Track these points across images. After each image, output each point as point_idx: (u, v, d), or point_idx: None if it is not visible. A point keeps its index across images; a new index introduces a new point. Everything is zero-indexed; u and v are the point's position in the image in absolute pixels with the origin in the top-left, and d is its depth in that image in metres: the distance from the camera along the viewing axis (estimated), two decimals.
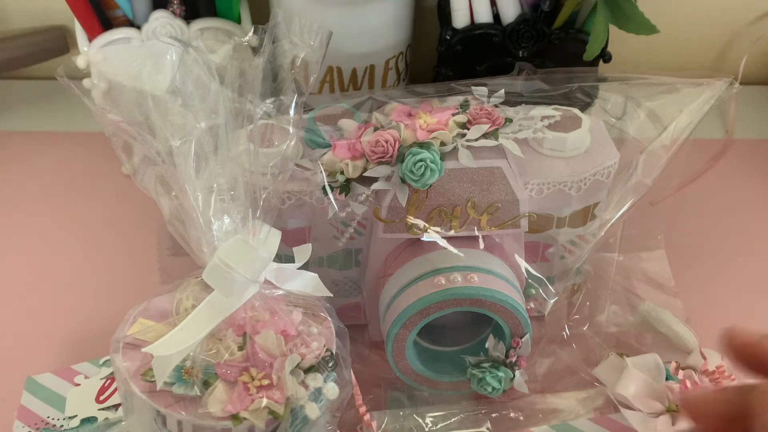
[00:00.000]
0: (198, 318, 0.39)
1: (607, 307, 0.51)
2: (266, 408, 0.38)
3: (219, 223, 0.40)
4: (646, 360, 0.47)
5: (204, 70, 0.41)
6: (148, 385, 0.38)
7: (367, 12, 0.57)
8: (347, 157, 0.45)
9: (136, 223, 0.59)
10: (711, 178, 0.64)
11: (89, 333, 0.52)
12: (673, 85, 0.50)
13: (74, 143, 0.66)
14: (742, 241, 0.61)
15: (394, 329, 0.45)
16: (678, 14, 0.71)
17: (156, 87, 0.40)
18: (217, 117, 0.41)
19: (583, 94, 0.50)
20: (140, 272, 0.56)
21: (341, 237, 0.48)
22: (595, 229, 0.50)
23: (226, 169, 0.40)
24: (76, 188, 0.63)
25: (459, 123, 0.46)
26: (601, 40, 0.55)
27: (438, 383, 0.48)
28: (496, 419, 0.47)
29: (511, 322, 0.45)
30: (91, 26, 0.58)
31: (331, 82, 0.59)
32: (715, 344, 0.49)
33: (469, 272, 0.44)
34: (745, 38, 0.73)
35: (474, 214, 0.46)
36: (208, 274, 0.39)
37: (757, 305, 0.56)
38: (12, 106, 0.70)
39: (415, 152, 0.44)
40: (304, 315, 0.41)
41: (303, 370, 0.39)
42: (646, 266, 0.55)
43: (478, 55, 0.59)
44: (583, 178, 0.47)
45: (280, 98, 0.43)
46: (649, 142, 0.50)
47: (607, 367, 0.48)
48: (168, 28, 0.57)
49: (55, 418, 0.47)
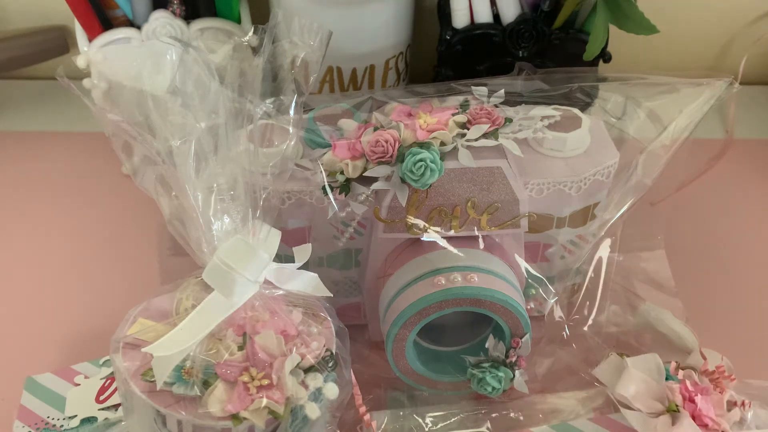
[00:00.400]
0: (198, 318, 0.39)
1: (607, 307, 0.51)
2: (266, 408, 0.38)
3: (219, 223, 0.40)
4: (647, 360, 0.47)
5: (204, 70, 0.41)
6: (148, 385, 0.38)
7: (367, 12, 0.57)
8: (347, 157, 0.45)
9: (136, 223, 0.59)
10: (711, 178, 0.63)
11: (89, 333, 0.52)
12: (673, 85, 0.50)
13: (74, 143, 0.66)
14: (742, 240, 0.61)
15: (394, 329, 0.45)
16: (678, 14, 0.71)
17: (156, 87, 0.40)
18: (217, 117, 0.40)
19: (583, 94, 0.50)
20: (140, 272, 0.56)
21: (341, 237, 0.48)
22: (595, 229, 0.50)
23: (226, 169, 0.40)
24: (76, 188, 0.63)
25: (459, 123, 0.46)
26: (601, 40, 0.55)
27: (438, 383, 0.48)
28: (496, 419, 0.47)
29: (511, 322, 0.45)
30: (91, 26, 0.58)
31: (331, 82, 0.59)
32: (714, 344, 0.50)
33: (469, 272, 0.44)
34: (745, 38, 0.73)
35: (474, 214, 0.46)
36: (208, 274, 0.39)
37: (757, 305, 0.56)
38: (12, 106, 0.70)
39: (415, 152, 0.44)
40: (304, 315, 0.41)
41: (303, 370, 0.39)
42: (646, 266, 0.55)
43: (478, 55, 0.59)
44: (583, 178, 0.47)
45: (280, 98, 0.43)
46: (649, 142, 0.50)
47: (607, 367, 0.48)
48: (168, 28, 0.57)
49: (55, 418, 0.47)
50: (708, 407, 0.44)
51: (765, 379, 0.48)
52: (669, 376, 0.47)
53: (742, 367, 0.48)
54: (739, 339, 0.53)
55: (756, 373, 0.48)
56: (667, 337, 0.51)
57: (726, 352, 0.49)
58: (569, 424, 0.46)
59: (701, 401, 0.44)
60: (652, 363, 0.47)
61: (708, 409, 0.44)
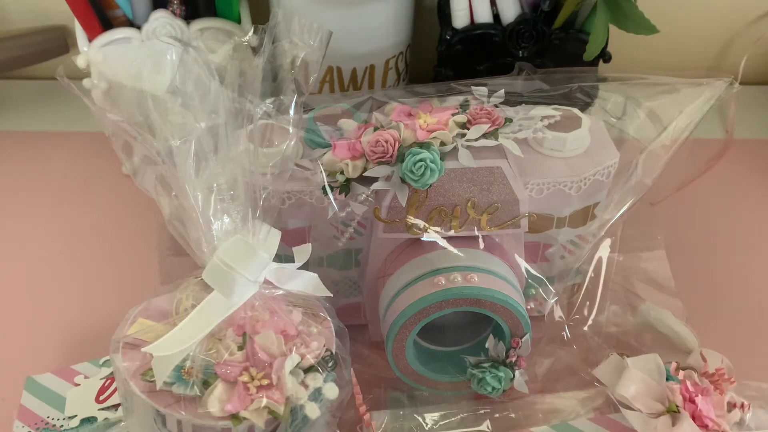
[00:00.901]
0: (198, 318, 0.39)
1: (607, 307, 0.51)
2: (266, 408, 0.38)
3: (219, 223, 0.40)
4: (647, 360, 0.47)
5: (204, 70, 0.41)
6: (147, 385, 0.38)
7: (367, 12, 0.57)
8: (347, 157, 0.45)
9: (136, 224, 0.59)
10: (711, 178, 0.63)
11: (89, 333, 0.52)
12: (673, 85, 0.50)
13: (74, 143, 0.66)
14: (742, 241, 0.61)
15: (394, 329, 0.45)
16: (678, 14, 0.71)
17: (156, 87, 0.40)
18: (217, 117, 0.40)
19: (583, 94, 0.50)
20: (140, 272, 0.56)
21: (341, 237, 0.48)
22: (595, 229, 0.50)
23: (226, 168, 0.40)
24: (76, 188, 0.63)
25: (459, 123, 0.46)
26: (601, 40, 0.55)
27: (438, 383, 0.48)
28: (496, 419, 0.47)
29: (511, 322, 0.45)
30: (91, 26, 0.58)
31: (331, 82, 0.59)
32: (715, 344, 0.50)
33: (469, 272, 0.44)
34: (745, 38, 0.73)
35: (474, 214, 0.46)
36: (207, 273, 0.39)
37: (757, 305, 0.56)
38: (12, 106, 0.70)
39: (415, 152, 0.44)
40: (304, 315, 0.41)
41: (303, 370, 0.39)
42: (646, 266, 0.55)
43: (478, 55, 0.59)
44: (583, 178, 0.47)
45: (280, 98, 0.43)
46: (649, 142, 0.50)
47: (608, 367, 0.48)
48: (168, 28, 0.57)
49: (54, 418, 0.47)
50: (708, 408, 0.44)
51: (765, 379, 0.48)
52: (669, 376, 0.47)
53: (742, 368, 0.48)
54: (739, 339, 0.53)
55: (756, 373, 0.48)
56: (667, 337, 0.51)
57: (726, 352, 0.49)
58: (569, 424, 0.46)
59: (702, 402, 0.44)
60: (652, 363, 0.47)
61: (708, 409, 0.44)
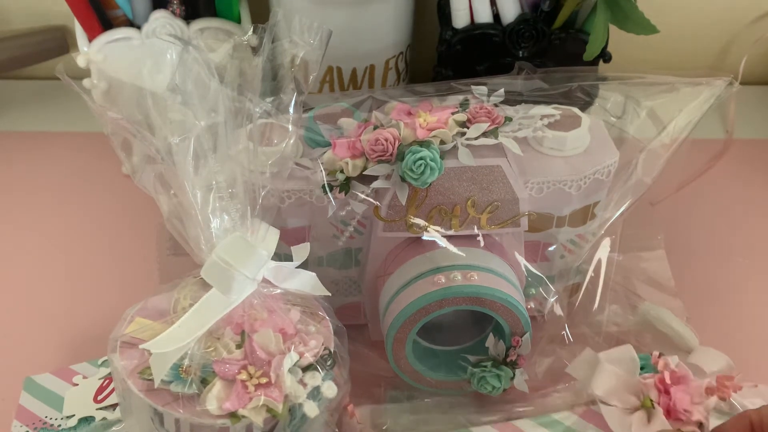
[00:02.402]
0: (196, 315, 0.38)
1: (607, 306, 0.51)
2: (264, 406, 0.38)
3: (218, 221, 0.40)
4: (620, 353, 0.47)
5: (204, 69, 0.41)
6: (145, 384, 0.38)
7: (367, 12, 0.57)
8: (347, 155, 0.45)
9: (136, 223, 0.59)
10: (711, 178, 0.63)
11: (88, 333, 0.52)
12: (673, 84, 0.50)
13: (74, 143, 0.66)
14: (742, 241, 0.61)
15: (394, 328, 0.45)
16: (678, 14, 0.71)
17: (156, 86, 0.40)
18: (217, 115, 0.41)
19: (583, 94, 0.50)
20: (140, 272, 0.56)
21: (341, 236, 0.48)
22: (595, 228, 0.50)
23: (225, 167, 0.40)
24: (76, 188, 0.63)
25: (459, 122, 0.46)
26: (601, 40, 0.55)
27: (438, 382, 0.48)
28: (496, 419, 0.47)
29: (511, 321, 0.45)
30: (91, 26, 0.58)
31: (331, 81, 0.59)
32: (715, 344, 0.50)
33: (469, 271, 0.44)
34: (745, 38, 0.73)
35: (474, 213, 0.46)
36: (206, 271, 0.39)
37: (757, 305, 0.56)
38: (12, 106, 0.70)
39: (415, 151, 0.44)
40: (302, 314, 0.41)
41: (301, 369, 0.39)
42: (646, 266, 0.55)
43: (478, 55, 0.59)
44: (582, 177, 0.47)
45: (279, 97, 0.43)
46: (648, 141, 0.50)
47: (582, 363, 0.47)
48: (168, 27, 0.57)
49: (53, 417, 0.47)
50: (683, 397, 0.44)
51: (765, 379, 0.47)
52: (650, 367, 0.47)
53: (742, 367, 0.48)
54: (739, 339, 0.53)
55: (756, 373, 0.48)
56: (667, 336, 0.51)
57: (726, 352, 0.49)
58: (551, 416, 0.46)
59: (676, 392, 0.44)
60: (626, 356, 0.46)
61: (683, 399, 0.44)
